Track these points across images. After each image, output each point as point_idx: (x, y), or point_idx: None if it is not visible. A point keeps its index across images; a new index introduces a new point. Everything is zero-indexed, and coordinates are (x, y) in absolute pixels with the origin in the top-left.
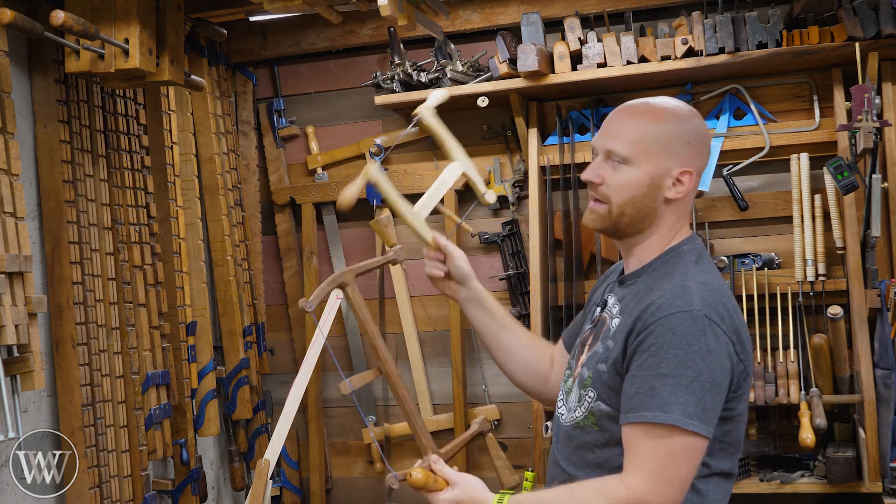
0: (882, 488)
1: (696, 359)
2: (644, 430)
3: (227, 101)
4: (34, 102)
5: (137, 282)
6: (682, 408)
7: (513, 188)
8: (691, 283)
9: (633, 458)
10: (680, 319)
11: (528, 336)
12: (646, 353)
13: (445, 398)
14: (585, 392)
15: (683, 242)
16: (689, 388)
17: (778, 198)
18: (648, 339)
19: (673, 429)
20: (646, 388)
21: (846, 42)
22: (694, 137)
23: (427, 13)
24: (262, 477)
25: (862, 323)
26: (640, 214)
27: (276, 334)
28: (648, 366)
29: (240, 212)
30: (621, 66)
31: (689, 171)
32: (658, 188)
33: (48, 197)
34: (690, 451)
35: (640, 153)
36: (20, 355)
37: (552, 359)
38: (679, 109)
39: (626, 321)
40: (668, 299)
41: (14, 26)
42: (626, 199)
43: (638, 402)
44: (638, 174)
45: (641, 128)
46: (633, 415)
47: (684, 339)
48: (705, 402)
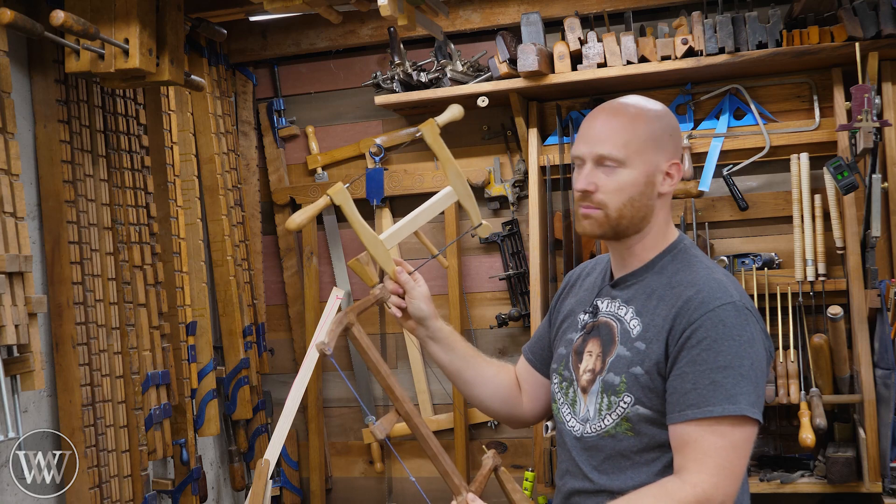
0: (882, 488)
1: (747, 348)
2: (708, 425)
3: (227, 101)
4: (34, 102)
5: (137, 282)
6: (746, 398)
7: (513, 188)
8: (719, 275)
9: (693, 455)
10: (727, 311)
11: (491, 365)
12: (697, 347)
13: (445, 398)
14: (619, 398)
15: (680, 239)
16: (748, 377)
17: (778, 198)
18: (697, 333)
19: (740, 420)
20: (706, 382)
21: (846, 42)
22: (673, 130)
23: (427, 13)
24: (262, 477)
25: (862, 323)
26: (640, 214)
27: (276, 334)
28: (704, 360)
29: (240, 212)
30: (621, 66)
31: (676, 163)
32: (653, 185)
33: (48, 197)
34: (749, 440)
35: (633, 153)
36: (20, 355)
37: (516, 380)
38: (655, 106)
39: (657, 321)
40: (708, 293)
41: (14, 26)
42: (625, 200)
43: (698, 398)
44: (634, 174)
45: (629, 128)
46: (694, 411)
47: (735, 330)
48: (760, 389)
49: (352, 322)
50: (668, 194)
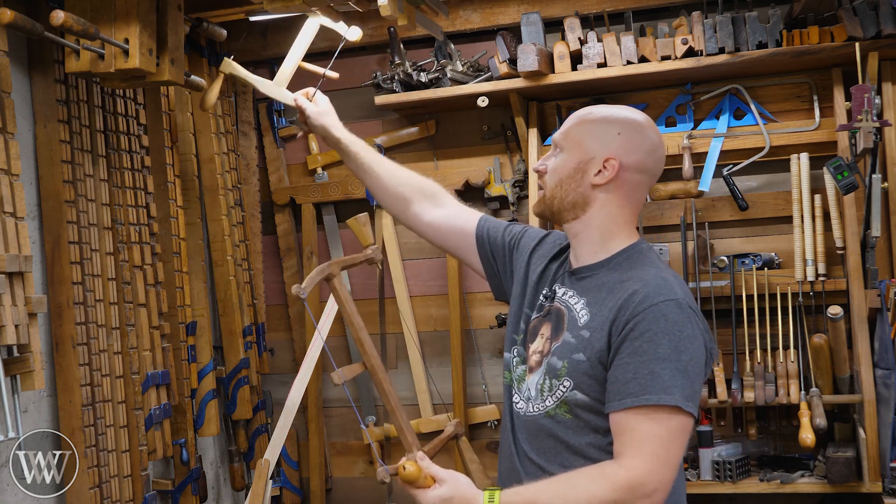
0: (882, 488)
1: (686, 344)
2: (645, 413)
3: (227, 101)
4: (34, 102)
5: (137, 282)
6: (681, 391)
7: (513, 188)
8: (667, 275)
9: (630, 441)
10: (669, 307)
11: (399, 168)
12: (638, 339)
13: (445, 398)
14: (559, 382)
15: (640, 242)
16: (684, 372)
17: (778, 198)
18: (640, 325)
19: (674, 410)
20: (644, 372)
21: (846, 42)
22: (626, 130)
23: (427, 13)
24: (262, 477)
25: (862, 323)
26: (569, 198)
27: (276, 334)
28: (644, 351)
29: (240, 212)
30: (621, 66)
31: (613, 158)
32: (583, 172)
33: (48, 197)
34: (684, 431)
35: (570, 141)
36: (20, 355)
37: (438, 199)
38: (619, 110)
39: (603, 311)
40: (653, 289)
41: (14, 26)
42: (556, 182)
43: (637, 387)
44: (566, 158)
45: (578, 122)
46: (632, 399)
47: (676, 326)
48: (696, 385)
49: (334, 273)
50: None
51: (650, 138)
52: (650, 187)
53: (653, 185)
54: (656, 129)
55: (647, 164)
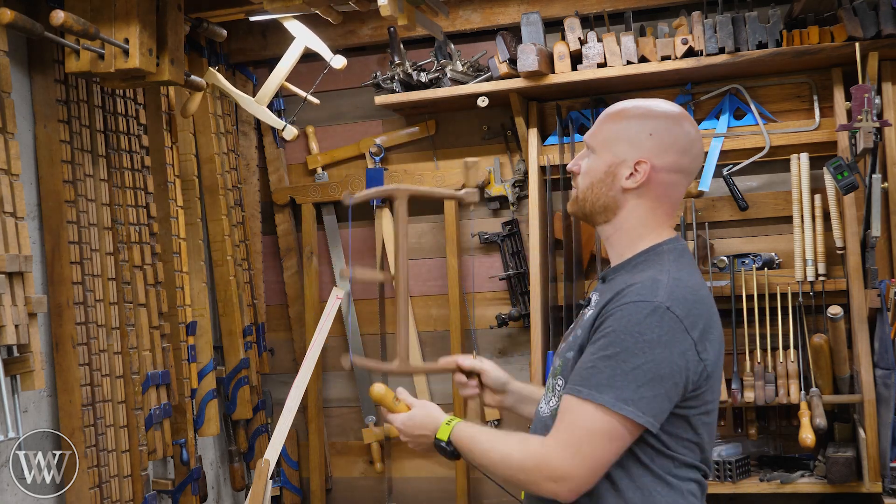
0: (882, 488)
1: (646, 348)
2: (576, 403)
3: (227, 101)
4: (34, 102)
5: (137, 282)
6: (618, 392)
7: (513, 188)
8: (664, 277)
9: (559, 424)
10: (638, 308)
11: None
12: (600, 335)
13: (445, 398)
14: (556, 381)
15: (665, 242)
16: (628, 374)
17: (778, 198)
18: (605, 322)
19: (604, 410)
20: (588, 365)
21: (846, 42)
22: (658, 129)
23: (427, 13)
24: (262, 477)
25: (862, 323)
26: (600, 201)
27: (276, 334)
28: (599, 346)
29: (240, 212)
30: (621, 66)
31: (643, 161)
32: (614, 176)
33: (48, 197)
34: (614, 433)
35: (601, 142)
36: (20, 355)
37: None
38: (651, 106)
39: (595, 311)
40: (636, 289)
41: (14, 26)
42: (588, 184)
43: (578, 378)
44: (598, 161)
45: (609, 122)
46: (570, 386)
47: (639, 328)
48: (643, 391)
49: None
50: (640, 193)
51: (684, 135)
52: (688, 184)
53: (690, 181)
54: (692, 122)
55: (681, 163)
